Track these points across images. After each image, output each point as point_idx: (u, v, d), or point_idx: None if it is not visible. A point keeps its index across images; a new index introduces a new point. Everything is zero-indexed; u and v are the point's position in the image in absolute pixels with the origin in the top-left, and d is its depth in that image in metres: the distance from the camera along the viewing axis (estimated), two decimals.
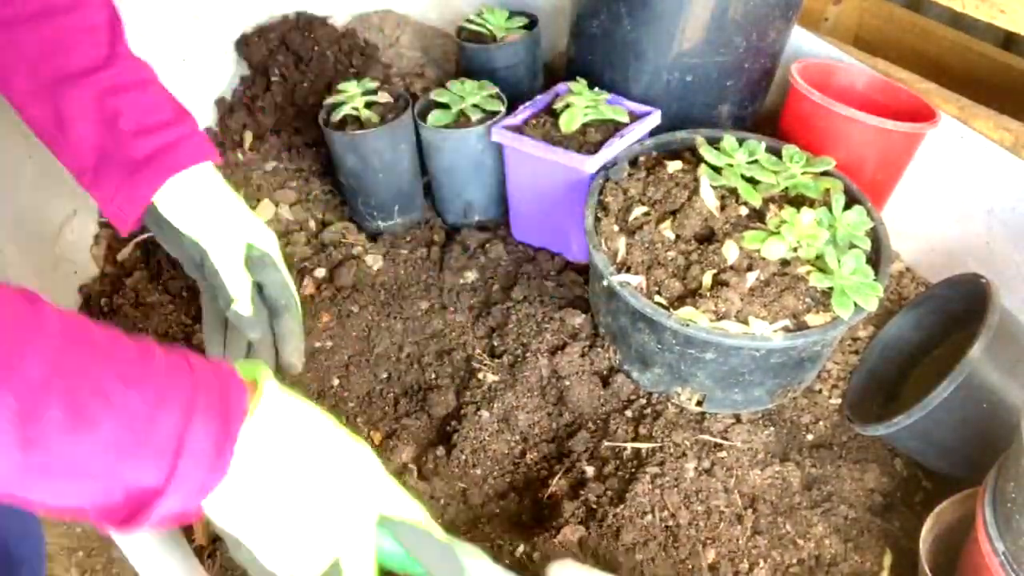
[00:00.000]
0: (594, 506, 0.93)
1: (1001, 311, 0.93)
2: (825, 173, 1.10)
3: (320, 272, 1.20)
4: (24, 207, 1.11)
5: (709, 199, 1.05)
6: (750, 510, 0.95)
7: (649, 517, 0.92)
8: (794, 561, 0.91)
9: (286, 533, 0.58)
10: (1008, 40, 1.75)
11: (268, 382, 0.58)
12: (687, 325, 0.93)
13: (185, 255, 0.86)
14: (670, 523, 0.92)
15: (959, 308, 1.05)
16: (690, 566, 0.89)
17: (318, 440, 0.60)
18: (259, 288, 0.88)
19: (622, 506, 0.92)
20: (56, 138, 0.82)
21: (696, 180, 1.07)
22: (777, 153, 1.12)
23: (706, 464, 0.98)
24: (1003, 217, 1.15)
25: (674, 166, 1.12)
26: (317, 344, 1.11)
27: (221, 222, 0.84)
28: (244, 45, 1.46)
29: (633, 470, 0.97)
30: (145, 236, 1.24)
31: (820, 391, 1.11)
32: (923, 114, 1.21)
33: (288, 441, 0.58)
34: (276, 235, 0.91)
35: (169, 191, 0.82)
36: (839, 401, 1.10)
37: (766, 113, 1.37)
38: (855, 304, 0.94)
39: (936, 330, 1.10)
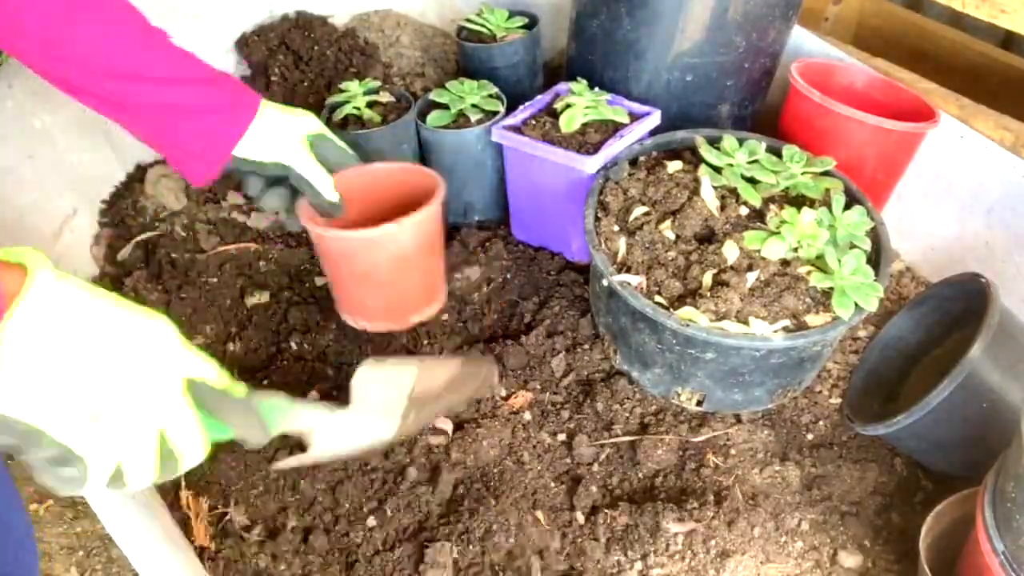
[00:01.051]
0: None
1: (1001, 311, 0.93)
2: (826, 173, 1.10)
3: (320, 281, 1.20)
4: (24, 207, 1.11)
5: (709, 199, 1.05)
6: (750, 508, 0.95)
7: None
8: (794, 560, 0.91)
9: (94, 418, 0.58)
10: (1008, 40, 1.75)
11: (40, 269, 0.57)
12: (687, 325, 0.93)
13: (264, 172, 0.97)
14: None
15: (959, 308, 1.05)
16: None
17: (102, 319, 0.59)
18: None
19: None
20: (121, 119, 0.92)
21: (696, 180, 1.07)
22: (778, 153, 1.11)
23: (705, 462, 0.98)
24: (1003, 217, 1.15)
25: (674, 166, 1.12)
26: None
27: (286, 137, 0.96)
28: (244, 45, 1.46)
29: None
30: (145, 236, 1.24)
31: (820, 391, 1.11)
32: (923, 114, 1.20)
33: (67, 324, 0.57)
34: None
35: (243, 141, 0.94)
36: (839, 401, 1.10)
37: (766, 113, 1.37)
38: (855, 304, 0.94)
39: (936, 330, 1.10)
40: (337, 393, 1.10)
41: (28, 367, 0.55)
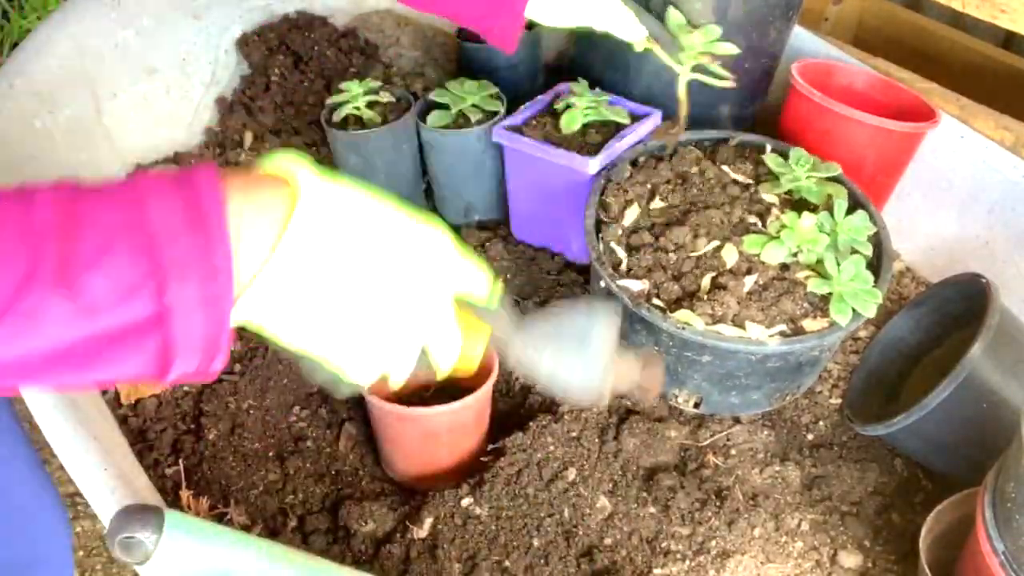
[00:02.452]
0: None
1: (1001, 311, 0.93)
2: (832, 178, 1.10)
3: None
4: None
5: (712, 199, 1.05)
6: (750, 509, 0.95)
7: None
8: (794, 561, 0.91)
9: (367, 331, 0.54)
10: (1008, 40, 1.75)
11: (302, 171, 0.52)
12: (683, 328, 0.93)
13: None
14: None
15: (959, 308, 1.05)
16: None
17: (375, 225, 0.54)
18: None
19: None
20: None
21: (701, 179, 1.07)
22: (784, 155, 1.11)
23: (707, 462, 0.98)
24: (1003, 217, 1.15)
25: (675, 167, 1.12)
26: None
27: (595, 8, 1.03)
28: (244, 45, 1.46)
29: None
30: None
31: (820, 391, 1.11)
32: (923, 114, 1.20)
33: (338, 231, 0.52)
34: None
35: (533, 8, 1.00)
36: (839, 401, 1.10)
37: (766, 113, 1.37)
38: (853, 310, 0.94)
39: (936, 330, 1.10)
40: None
41: (308, 288, 0.51)
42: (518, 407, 1.06)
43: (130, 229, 0.46)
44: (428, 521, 0.92)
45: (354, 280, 0.53)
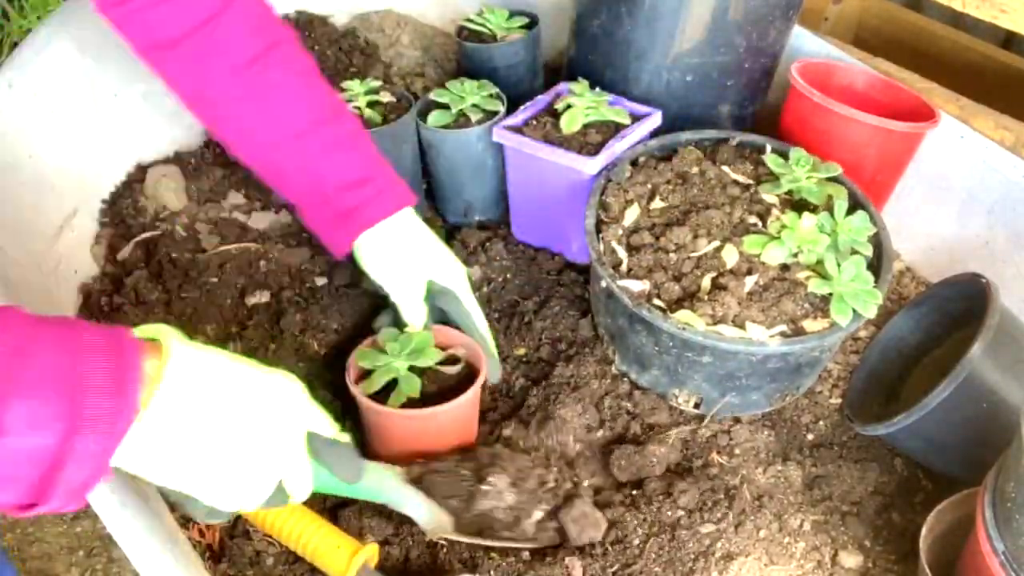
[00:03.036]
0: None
1: (1001, 311, 0.93)
2: (832, 179, 1.10)
3: (320, 281, 1.20)
4: (24, 207, 1.11)
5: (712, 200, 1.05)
6: (756, 509, 0.95)
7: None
8: (796, 561, 0.92)
9: (227, 470, 0.62)
10: (1008, 40, 1.76)
11: (171, 339, 0.61)
12: (684, 328, 0.93)
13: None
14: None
15: (959, 308, 1.05)
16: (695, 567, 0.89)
17: (233, 379, 0.63)
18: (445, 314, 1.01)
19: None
20: (273, 184, 1.00)
21: (701, 179, 1.08)
22: (784, 155, 1.11)
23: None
24: (1003, 217, 1.15)
25: (675, 167, 1.12)
26: None
27: (402, 267, 0.98)
28: None
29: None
30: (146, 236, 1.24)
31: (820, 391, 1.11)
32: (923, 114, 1.21)
33: (204, 386, 0.61)
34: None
35: (363, 240, 0.97)
36: (839, 401, 1.10)
37: (767, 113, 1.37)
38: (854, 311, 0.94)
39: (936, 330, 1.10)
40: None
41: (176, 439, 0.59)
42: (517, 407, 1.06)
43: (64, 372, 0.53)
44: None
45: (214, 430, 0.61)
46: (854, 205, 1.06)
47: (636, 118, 1.20)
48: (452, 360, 0.99)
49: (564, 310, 1.16)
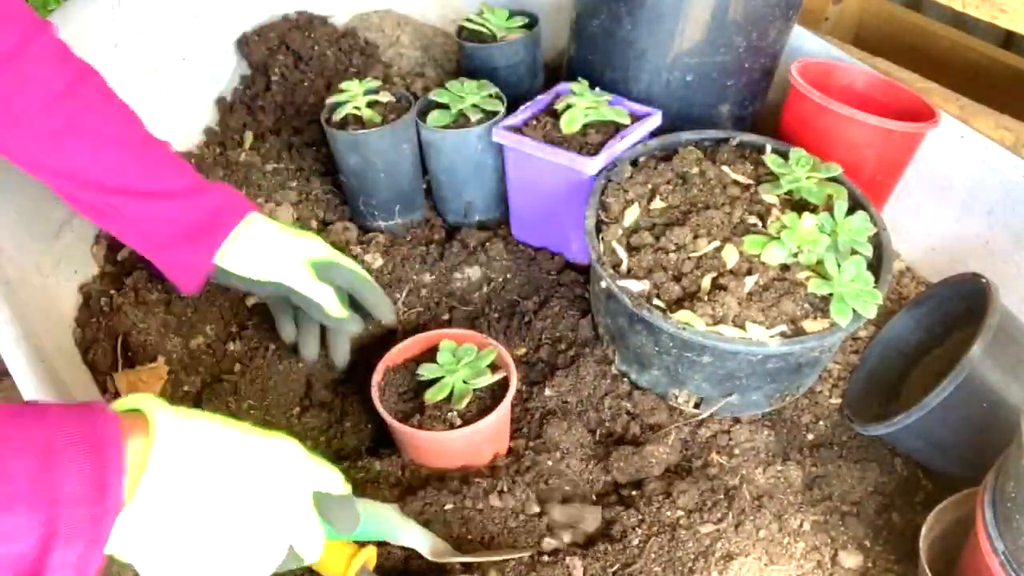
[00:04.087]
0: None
1: (1001, 311, 0.93)
2: (832, 179, 1.10)
3: None
4: (24, 207, 1.11)
5: (712, 200, 1.05)
6: (755, 509, 0.95)
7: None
8: (796, 562, 0.92)
9: (228, 551, 0.59)
10: (1008, 40, 1.76)
11: (158, 410, 0.57)
12: (683, 328, 0.93)
13: (263, 292, 0.99)
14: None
15: (959, 308, 1.05)
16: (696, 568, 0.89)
17: (229, 450, 0.60)
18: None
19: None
20: (111, 228, 0.97)
21: (701, 179, 1.07)
22: (784, 155, 1.11)
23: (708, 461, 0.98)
24: (1003, 217, 1.15)
25: (675, 167, 1.12)
26: None
27: (282, 256, 0.95)
28: (244, 44, 1.46)
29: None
30: None
31: (820, 391, 1.11)
32: (923, 114, 1.20)
33: (197, 463, 0.57)
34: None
35: (228, 252, 0.94)
36: (839, 401, 1.10)
37: (767, 113, 1.37)
38: (854, 311, 0.94)
39: (936, 330, 1.10)
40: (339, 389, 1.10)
41: (169, 526, 0.55)
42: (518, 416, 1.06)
43: (36, 483, 0.49)
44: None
45: (211, 511, 0.57)
46: (854, 205, 1.06)
47: (636, 118, 1.20)
48: (492, 367, 0.99)
49: (564, 310, 1.16)
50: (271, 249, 0.95)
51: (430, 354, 1.01)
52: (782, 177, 1.08)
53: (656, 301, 0.98)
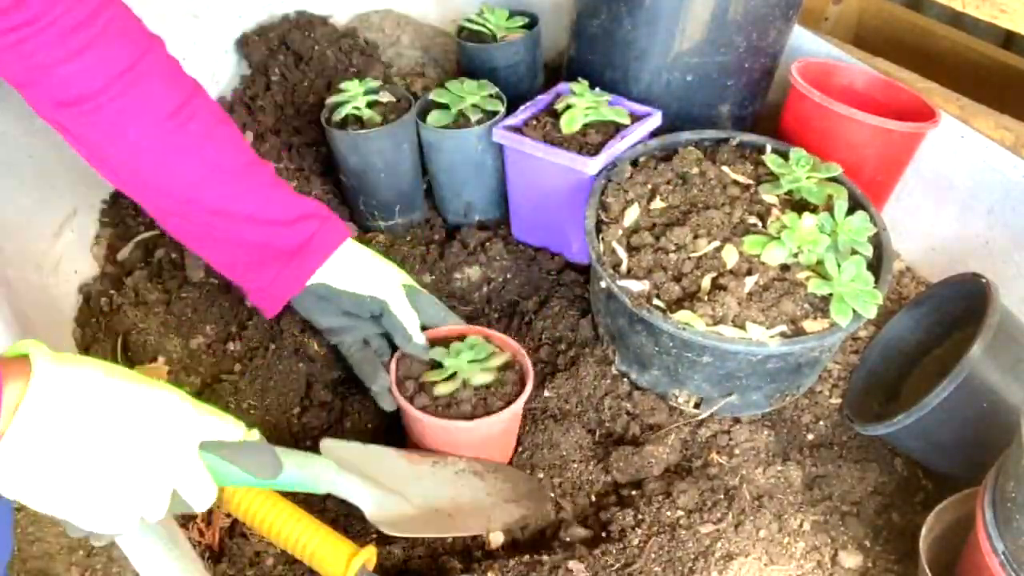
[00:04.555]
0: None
1: (1001, 311, 0.93)
2: (832, 179, 1.10)
3: None
4: (24, 207, 1.11)
5: (712, 200, 1.05)
6: (755, 509, 0.95)
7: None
8: (796, 562, 0.92)
9: (98, 493, 0.61)
10: (1008, 40, 1.75)
11: (40, 355, 0.59)
12: (683, 328, 0.93)
13: (345, 324, 1.01)
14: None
15: (959, 308, 1.05)
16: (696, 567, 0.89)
17: (106, 396, 0.62)
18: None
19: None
20: (199, 248, 0.98)
21: (701, 180, 1.07)
22: (784, 155, 1.11)
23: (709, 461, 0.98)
24: (1003, 217, 1.15)
25: (675, 167, 1.12)
26: None
27: (382, 276, 0.99)
28: (244, 45, 1.46)
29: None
30: (145, 236, 1.24)
31: (820, 391, 1.11)
32: (923, 114, 1.21)
33: (71, 405, 0.59)
34: None
35: (329, 269, 0.96)
36: (839, 401, 1.10)
37: (767, 113, 1.37)
38: (854, 311, 0.94)
39: (936, 330, 1.10)
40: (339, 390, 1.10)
41: (41, 464, 0.58)
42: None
43: None
44: None
45: (83, 452, 0.60)
46: (854, 205, 1.06)
47: (636, 118, 1.20)
48: (508, 365, 0.99)
49: (564, 310, 1.16)
50: (371, 269, 0.98)
51: (444, 346, 1.01)
52: (782, 177, 1.08)
53: (656, 301, 0.98)
